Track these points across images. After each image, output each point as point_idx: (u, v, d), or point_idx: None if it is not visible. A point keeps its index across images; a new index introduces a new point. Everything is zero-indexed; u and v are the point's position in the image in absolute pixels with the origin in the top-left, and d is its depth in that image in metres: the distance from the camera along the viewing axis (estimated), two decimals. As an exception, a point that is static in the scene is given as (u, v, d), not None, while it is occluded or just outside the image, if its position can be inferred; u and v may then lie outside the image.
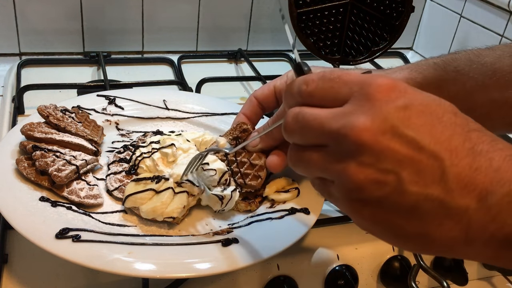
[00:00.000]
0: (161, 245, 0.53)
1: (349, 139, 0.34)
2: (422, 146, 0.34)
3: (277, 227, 0.57)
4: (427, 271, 0.59)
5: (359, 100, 0.35)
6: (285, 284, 0.58)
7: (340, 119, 0.36)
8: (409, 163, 0.34)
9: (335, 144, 0.36)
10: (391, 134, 0.34)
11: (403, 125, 0.34)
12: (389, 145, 0.34)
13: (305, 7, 0.94)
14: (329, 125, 0.36)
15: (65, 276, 0.54)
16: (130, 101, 0.77)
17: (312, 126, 0.37)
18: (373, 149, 0.34)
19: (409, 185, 0.34)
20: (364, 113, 0.34)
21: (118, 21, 1.04)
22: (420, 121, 0.34)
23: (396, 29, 1.00)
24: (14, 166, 0.58)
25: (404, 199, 0.34)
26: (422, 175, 0.34)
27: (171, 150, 0.62)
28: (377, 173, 0.34)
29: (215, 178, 0.59)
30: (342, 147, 0.35)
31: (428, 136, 0.34)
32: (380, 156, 0.34)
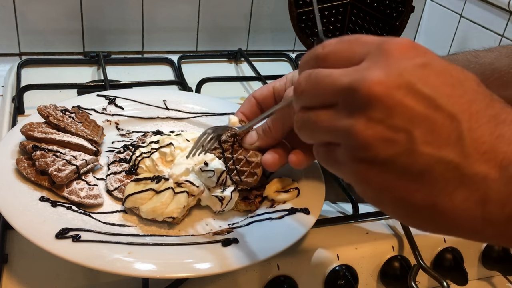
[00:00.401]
0: (161, 245, 0.53)
1: (360, 93, 0.32)
2: (438, 104, 0.31)
3: (277, 227, 0.57)
4: (427, 271, 0.59)
5: (376, 56, 0.33)
6: (285, 284, 0.58)
7: (353, 74, 0.33)
8: (423, 121, 0.31)
9: (345, 100, 0.34)
10: (406, 89, 0.31)
11: (420, 82, 0.31)
12: (402, 100, 0.31)
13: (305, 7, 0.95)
14: (341, 80, 0.34)
15: (65, 276, 0.54)
16: (130, 101, 0.77)
17: (324, 83, 0.35)
18: (384, 104, 0.31)
19: (421, 146, 0.31)
20: (378, 68, 0.32)
21: (118, 21, 1.04)
22: (439, 81, 0.32)
23: (396, 29, 1.00)
24: (14, 166, 0.58)
25: (414, 161, 0.31)
26: (437, 136, 0.31)
27: (169, 150, 0.62)
28: (387, 130, 0.31)
29: (213, 179, 0.59)
30: (351, 102, 0.33)
31: (447, 96, 0.31)
32: (392, 111, 0.31)
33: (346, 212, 0.69)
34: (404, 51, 0.33)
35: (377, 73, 0.32)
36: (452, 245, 0.66)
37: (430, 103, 0.31)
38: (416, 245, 0.61)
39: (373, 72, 0.32)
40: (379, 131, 0.32)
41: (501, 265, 0.68)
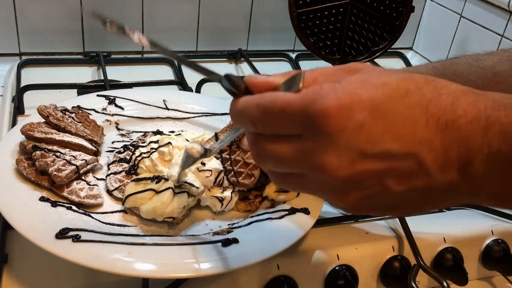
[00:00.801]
0: (161, 245, 0.53)
1: (328, 178, 0.35)
2: (393, 154, 0.34)
3: (277, 227, 0.57)
4: (427, 271, 0.59)
5: (315, 135, 0.35)
6: (285, 284, 0.58)
7: (308, 157, 0.35)
8: (389, 172, 0.34)
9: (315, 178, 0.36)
10: (361, 158, 0.34)
11: (368, 145, 0.34)
12: (364, 168, 0.34)
13: (305, 7, 0.95)
14: (300, 162, 0.36)
15: (65, 276, 0.54)
16: (130, 101, 0.77)
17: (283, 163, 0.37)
18: (353, 179, 0.35)
19: (395, 187, 0.35)
20: (326, 151, 0.34)
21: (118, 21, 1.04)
22: (380, 129, 0.34)
23: (396, 29, 1.00)
24: (14, 166, 0.58)
25: (391, 198, 0.35)
26: (404, 175, 0.34)
27: (167, 149, 0.62)
28: (365, 190, 0.35)
29: (211, 179, 0.59)
30: (324, 181, 0.36)
31: (394, 140, 0.34)
32: (361, 179, 0.35)
33: (346, 212, 0.69)
34: (336, 121, 0.34)
35: (330, 159, 0.34)
36: (452, 245, 0.66)
37: (385, 156, 0.34)
38: (416, 245, 0.61)
39: (326, 159, 0.34)
40: (357, 194, 0.36)
41: (501, 265, 0.68)
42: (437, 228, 0.68)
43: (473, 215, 0.72)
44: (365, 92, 0.34)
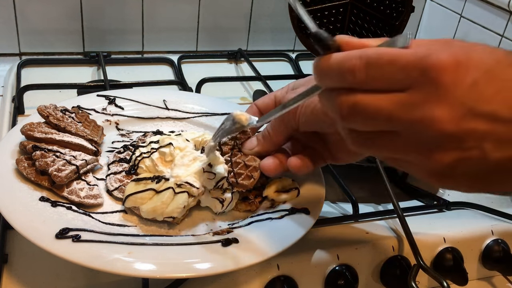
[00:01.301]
0: (161, 245, 0.53)
1: (431, 132, 0.35)
2: (499, 117, 0.34)
3: (277, 227, 0.57)
4: (427, 271, 0.59)
5: (426, 87, 0.35)
6: (285, 284, 0.58)
7: (412, 110, 0.35)
8: (491, 135, 0.35)
9: (412, 134, 0.36)
10: (470, 115, 0.34)
11: (479, 103, 0.34)
12: (470, 126, 0.35)
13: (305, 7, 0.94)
14: (399, 116, 0.36)
15: (65, 276, 0.54)
16: (130, 101, 0.77)
17: (378, 117, 0.37)
18: (457, 135, 0.35)
19: (492, 153, 0.35)
20: (438, 103, 0.35)
21: (118, 21, 1.04)
22: (491, 91, 0.34)
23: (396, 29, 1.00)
24: (14, 166, 0.58)
25: (488, 165, 0.36)
26: (504, 142, 0.35)
27: (168, 150, 0.62)
28: (463, 152, 0.35)
29: (212, 183, 0.59)
30: (422, 137, 0.36)
31: (502, 104, 0.34)
32: (464, 138, 0.35)
33: (346, 212, 0.69)
34: (452, 76, 0.34)
35: (441, 111, 0.35)
36: (452, 245, 0.66)
37: (492, 118, 0.35)
38: (416, 245, 0.61)
39: (435, 111, 0.35)
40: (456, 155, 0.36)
41: (501, 265, 0.68)
42: (437, 228, 0.68)
43: (473, 215, 0.72)
44: (478, 55, 0.35)
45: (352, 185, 0.71)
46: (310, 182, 0.64)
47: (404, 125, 0.36)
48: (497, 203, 0.76)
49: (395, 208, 0.63)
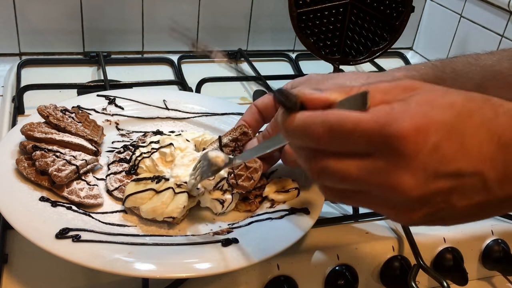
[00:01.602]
0: (161, 245, 0.53)
1: (398, 196, 0.36)
2: (462, 172, 0.35)
3: (277, 227, 0.57)
4: (427, 271, 0.59)
5: (389, 155, 0.35)
6: (285, 284, 0.58)
7: (378, 176, 0.36)
8: (456, 189, 0.36)
9: (381, 195, 0.37)
10: (434, 178, 0.35)
11: (442, 165, 0.35)
12: (436, 187, 0.35)
13: (305, 7, 0.95)
14: (366, 180, 0.37)
15: (65, 276, 0.54)
16: (130, 101, 0.77)
17: (347, 181, 0.38)
18: (423, 198, 0.36)
19: (457, 203, 0.36)
20: (401, 170, 0.35)
21: (118, 21, 1.04)
22: (452, 150, 0.35)
23: (396, 29, 1.00)
24: (14, 166, 0.58)
25: (452, 212, 0.37)
26: (468, 192, 0.36)
27: (169, 150, 0.62)
28: (430, 207, 0.37)
29: (212, 183, 0.59)
30: (390, 198, 0.37)
31: (464, 159, 0.35)
32: (430, 198, 0.36)
33: (346, 212, 0.69)
34: (414, 144, 0.35)
35: (406, 179, 0.35)
36: (452, 245, 0.66)
37: (455, 175, 0.35)
38: (416, 245, 0.61)
39: (401, 179, 0.35)
40: (424, 211, 0.37)
41: (501, 265, 0.68)
42: (437, 228, 0.68)
43: (473, 215, 0.72)
44: (437, 114, 0.35)
45: (352, 185, 0.71)
46: (310, 182, 0.64)
47: (371, 188, 0.37)
48: (497, 203, 0.76)
49: (395, 208, 0.63)
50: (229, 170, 0.61)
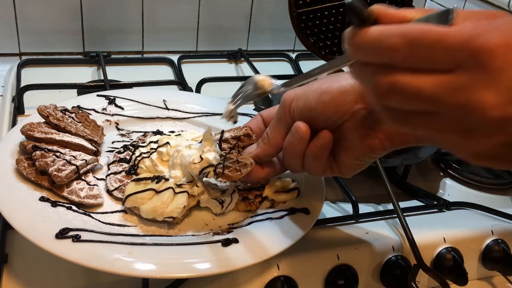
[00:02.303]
0: (161, 245, 0.53)
1: (476, 116, 0.33)
2: None
3: (277, 227, 0.57)
4: (427, 271, 0.59)
5: (474, 71, 0.33)
6: (285, 284, 0.58)
7: (457, 93, 0.34)
8: None
9: (454, 116, 0.35)
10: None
11: None
12: None
13: (305, 7, 0.94)
14: (442, 98, 0.34)
15: (65, 276, 0.54)
16: (130, 101, 0.77)
17: (419, 99, 0.35)
18: (502, 121, 0.33)
19: None
20: (485, 87, 0.33)
21: (118, 21, 1.04)
22: None
23: (396, 29, 1.00)
24: (14, 166, 0.58)
25: None
26: None
27: (165, 149, 0.62)
28: (506, 136, 0.34)
29: (197, 167, 0.57)
30: (464, 120, 0.34)
31: None
32: (509, 122, 0.33)
33: (346, 212, 0.69)
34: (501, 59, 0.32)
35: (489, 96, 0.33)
36: (452, 245, 0.66)
37: None
38: (416, 245, 0.61)
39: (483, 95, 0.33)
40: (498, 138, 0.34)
41: (501, 265, 0.68)
42: (437, 228, 0.68)
43: (473, 215, 0.72)
44: None
45: (352, 185, 0.71)
46: (310, 182, 0.64)
47: (446, 108, 0.35)
48: (497, 203, 0.76)
49: (395, 208, 0.63)
50: (220, 161, 0.59)
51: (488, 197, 0.77)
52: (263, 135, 0.59)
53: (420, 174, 0.81)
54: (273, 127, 0.57)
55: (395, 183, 0.76)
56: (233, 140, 0.61)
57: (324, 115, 0.51)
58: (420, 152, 0.75)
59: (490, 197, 0.78)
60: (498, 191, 0.79)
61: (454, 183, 0.80)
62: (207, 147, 0.58)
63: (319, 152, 0.52)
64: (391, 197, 0.64)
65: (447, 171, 0.81)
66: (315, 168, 0.54)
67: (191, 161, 0.57)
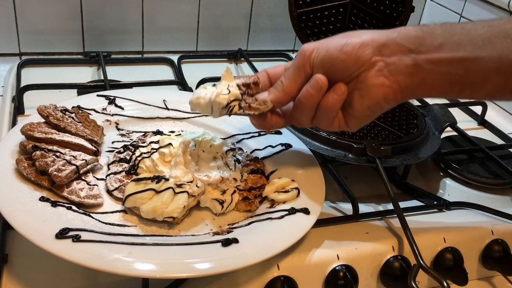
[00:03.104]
0: (161, 245, 0.53)
1: None
2: None
3: (277, 227, 0.57)
4: (427, 271, 0.59)
5: None
6: (285, 284, 0.58)
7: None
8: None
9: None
10: None
11: None
12: None
13: (305, 7, 0.94)
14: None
15: (65, 276, 0.54)
16: (130, 101, 0.77)
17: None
18: None
19: None
20: None
21: (118, 21, 1.04)
22: None
23: (396, 29, 1.00)
24: (14, 166, 0.58)
25: None
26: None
27: (168, 150, 0.62)
28: None
29: (226, 97, 0.57)
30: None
31: None
32: None
33: (346, 212, 0.69)
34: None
35: None
36: (452, 245, 0.66)
37: None
38: (416, 245, 0.61)
39: None
40: None
41: (501, 265, 0.68)
42: (437, 228, 0.68)
43: (473, 215, 0.72)
44: None
45: (352, 185, 0.71)
46: (310, 182, 0.64)
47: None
48: (497, 203, 0.76)
49: (395, 208, 0.63)
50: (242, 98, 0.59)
51: (488, 197, 0.77)
52: (277, 83, 0.59)
53: (420, 174, 0.81)
54: (289, 75, 0.57)
55: (395, 183, 0.76)
56: (244, 87, 0.60)
57: (345, 64, 0.54)
58: (420, 152, 0.75)
59: (490, 197, 0.77)
60: (498, 191, 0.79)
61: (454, 183, 0.80)
62: (228, 84, 0.58)
63: (334, 103, 0.56)
64: (391, 197, 0.64)
65: (447, 171, 0.81)
66: (327, 120, 0.58)
67: (219, 91, 0.57)
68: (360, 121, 0.58)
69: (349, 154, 0.71)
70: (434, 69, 0.52)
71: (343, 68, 0.54)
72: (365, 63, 0.54)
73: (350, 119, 0.58)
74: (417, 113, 0.83)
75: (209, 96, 0.58)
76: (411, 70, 0.52)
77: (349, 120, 0.58)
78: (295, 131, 0.74)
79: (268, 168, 0.69)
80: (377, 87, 0.54)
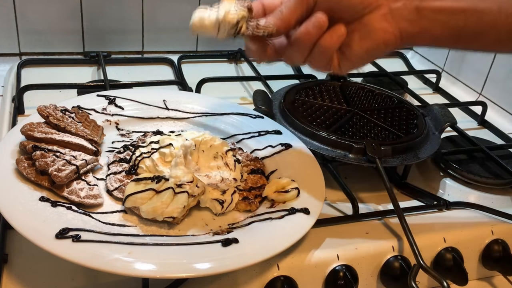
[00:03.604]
0: (161, 245, 0.53)
1: None
2: None
3: (277, 227, 0.57)
4: (427, 271, 0.59)
5: None
6: (285, 284, 0.58)
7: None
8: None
9: None
10: None
11: None
12: None
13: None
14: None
15: (65, 276, 0.54)
16: (130, 101, 0.77)
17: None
18: None
19: None
20: None
21: (118, 21, 1.04)
22: None
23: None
24: (14, 166, 0.58)
25: None
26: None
27: (168, 150, 0.62)
28: None
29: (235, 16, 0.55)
30: None
31: None
32: None
33: (346, 212, 0.69)
34: None
35: None
36: (452, 245, 0.66)
37: None
38: (416, 245, 0.61)
39: None
40: None
41: (501, 265, 0.68)
42: (437, 228, 0.68)
43: (473, 215, 0.72)
44: None
45: (352, 185, 0.71)
46: (310, 182, 0.64)
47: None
48: (497, 203, 0.76)
49: (395, 208, 0.63)
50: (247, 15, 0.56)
51: (488, 197, 0.77)
52: (276, 11, 0.57)
53: (420, 174, 0.81)
54: (290, 5, 0.56)
55: (395, 183, 0.76)
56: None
57: (351, 2, 0.54)
58: (420, 152, 0.75)
59: (490, 197, 0.77)
60: (498, 191, 0.79)
61: (454, 183, 0.80)
62: (232, 4, 0.56)
63: (332, 43, 0.55)
64: (391, 197, 0.64)
65: (447, 171, 0.81)
66: (320, 60, 0.57)
67: (228, 11, 0.55)
68: (353, 64, 0.58)
69: (349, 154, 0.71)
70: (435, 18, 0.54)
71: (349, 6, 0.54)
72: (371, 5, 0.54)
73: (344, 61, 0.57)
74: (417, 113, 0.83)
75: (215, 15, 0.56)
76: (413, 17, 0.54)
77: (343, 62, 0.57)
78: (295, 131, 0.74)
79: (268, 168, 0.69)
80: (379, 31, 0.54)
